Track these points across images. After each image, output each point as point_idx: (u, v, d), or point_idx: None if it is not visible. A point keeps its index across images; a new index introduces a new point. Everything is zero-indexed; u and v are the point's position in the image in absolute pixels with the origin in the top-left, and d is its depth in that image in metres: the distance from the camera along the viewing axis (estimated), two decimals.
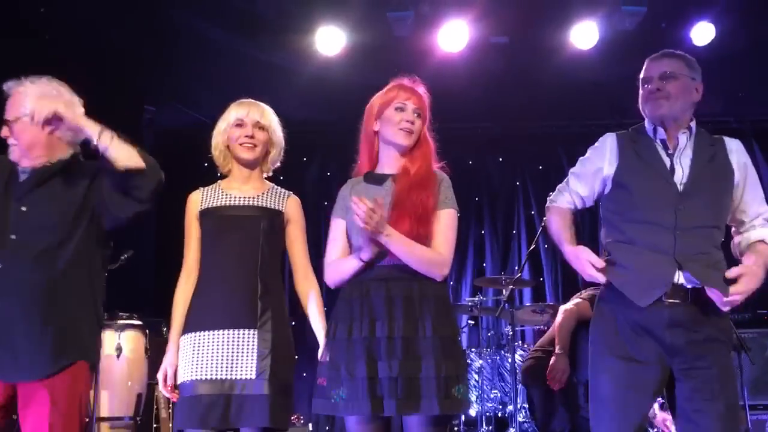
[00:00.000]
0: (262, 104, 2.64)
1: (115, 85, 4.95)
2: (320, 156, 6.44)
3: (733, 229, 2.45)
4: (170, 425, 4.66)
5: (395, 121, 2.37)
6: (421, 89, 2.46)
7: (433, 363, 2.18)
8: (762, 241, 2.35)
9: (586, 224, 6.03)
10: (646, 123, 2.46)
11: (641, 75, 2.47)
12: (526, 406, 4.72)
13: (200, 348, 2.43)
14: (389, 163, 2.41)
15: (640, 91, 2.46)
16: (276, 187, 2.67)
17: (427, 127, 2.44)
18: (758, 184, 2.42)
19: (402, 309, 2.23)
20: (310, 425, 5.19)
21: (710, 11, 5.11)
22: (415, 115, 2.38)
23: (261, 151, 2.60)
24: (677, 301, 2.25)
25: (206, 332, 2.44)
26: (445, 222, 2.31)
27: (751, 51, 5.26)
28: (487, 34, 5.23)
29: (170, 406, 4.87)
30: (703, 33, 5.19)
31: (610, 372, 2.31)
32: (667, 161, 2.38)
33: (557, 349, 3.89)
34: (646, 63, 2.48)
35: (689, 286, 2.26)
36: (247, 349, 2.42)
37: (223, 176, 2.66)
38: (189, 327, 2.49)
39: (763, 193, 2.42)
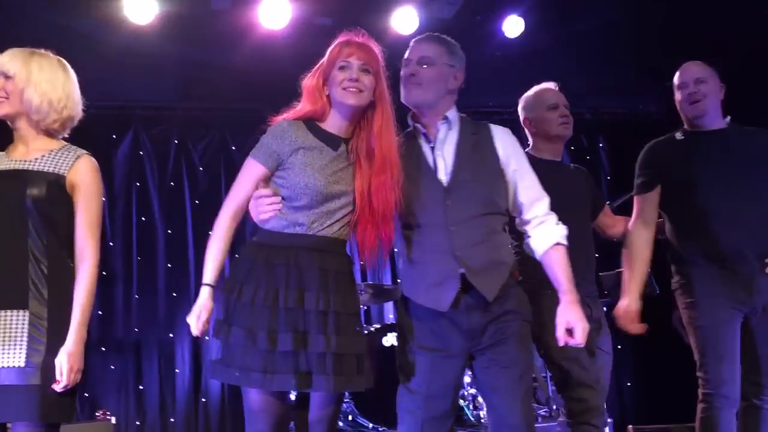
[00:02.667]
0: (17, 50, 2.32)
1: None
2: (132, 132, 6.00)
3: (517, 220, 2.47)
4: None
5: (338, 80, 2.22)
6: (371, 43, 2.30)
7: (357, 340, 2.18)
8: (558, 243, 2.39)
9: None
10: (409, 120, 2.46)
11: (404, 56, 2.45)
12: None
13: None
14: (340, 125, 2.26)
15: (401, 73, 2.43)
16: (66, 146, 2.33)
17: (382, 86, 2.27)
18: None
19: (333, 283, 2.16)
20: (113, 419, 4.86)
21: (521, 6, 5.40)
22: (362, 71, 2.23)
23: (10, 106, 2.25)
24: (466, 289, 2.27)
25: None
26: None
27: (558, 46, 5.63)
28: (311, 14, 5.15)
29: None
30: (514, 26, 5.47)
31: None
32: (430, 157, 2.37)
33: None
34: (411, 43, 2.47)
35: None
36: (15, 332, 2.12)
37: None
38: None
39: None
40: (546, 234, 2.40)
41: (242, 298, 2.15)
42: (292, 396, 3.90)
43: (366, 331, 4.46)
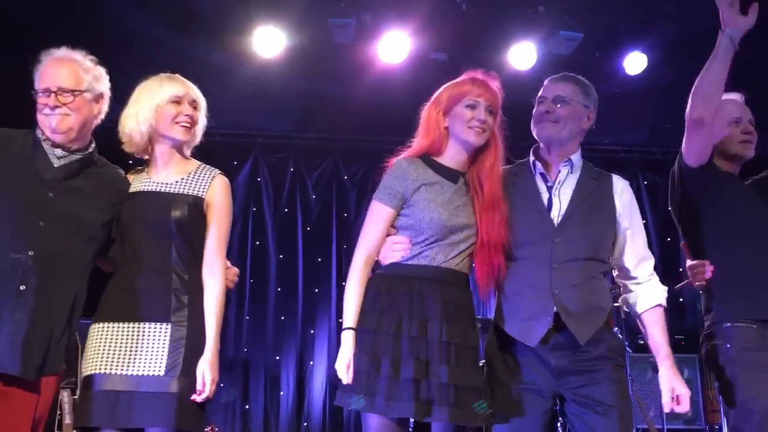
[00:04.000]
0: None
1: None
2: (252, 159, 6.31)
3: (616, 274, 2.43)
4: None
5: (466, 119, 2.28)
6: (495, 84, 2.36)
7: (476, 374, 2.20)
8: (660, 305, 2.37)
9: None
10: (529, 157, 2.46)
11: (538, 95, 2.47)
12: None
13: (108, 340, 2.26)
14: (459, 159, 2.34)
15: (534, 111, 2.45)
16: (201, 166, 2.45)
17: (497, 125, 2.35)
18: (642, 227, 2.44)
19: (454, 314, 2.20)
20: None
21: (643, 42, 5.28)
22: (487, 112, 2.30)
23: (193, 133, 2.40)
24: (558, 328, 2.25)
25: (115, 324, 2.27)
26: None
27: (680, 84, 5.43)
28: (428, 49, 5.25)
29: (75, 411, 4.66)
30: (635, 63, 5.35)
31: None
32: (545, 195, 2.37)
33: None
34: (545, 82, 2.49)
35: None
36: (158, 344, 2.25)
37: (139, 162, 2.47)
38: (101, 317, 2.30)
39: (645, 237, 2.43)
40: (651, 292, 2.39)
41: (366, 325, 2.20)
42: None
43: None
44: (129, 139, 2.38)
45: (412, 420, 2.51)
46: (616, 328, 3.33)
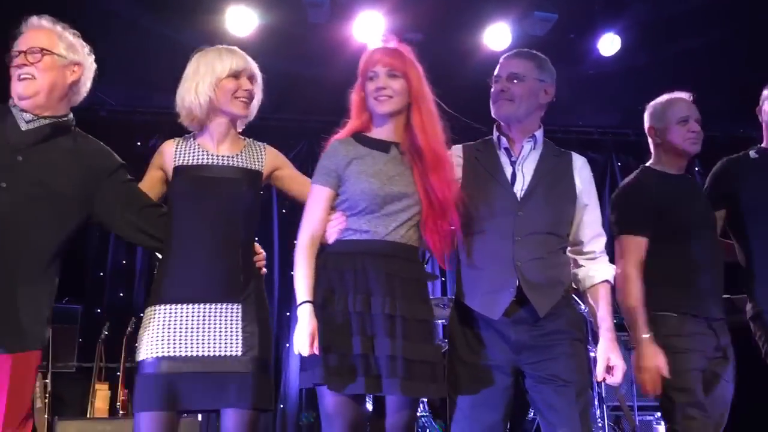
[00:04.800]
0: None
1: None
2: None
3: (571, 249, 2.47)
4: (45, 416, 4.41)
5: (370, 91, 2.30)
6: (397, 46, 2.35)
7: (428, 348, 2.20)
8: (607, 281, 2.42)
9: None
10: (493, 133, 2.49)
11: (494, 73, 2.48)
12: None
13: (177, 322, 2.21)
14: (383, 130, 2.34)
15: (491, 90, 2.47)
16: (249, 140, 2.48)
17: (417, 85, 2.31)
18: (598, 205, 2.48)
19: (399, 287, 2.19)
20: (200, 416, 5.00)
21: (618, 24, 5.28)
22: (389, 77, 2.28)
23: (252, 107, 2.41)
24: (520, 302, 2.28)
25: (182, 306, 2.22)
26: None
27: (654, 66, 5.47)
28: (403, 29, 5.20)
29: (46, 395, 4.61)
30: (609, 44, 5.35)
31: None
32: (508, 170, 2.41)
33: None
34: (500, 60, 2.50)
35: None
36: (231, 324, 2.23)
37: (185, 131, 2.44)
38: (162, 299, 2.24)
39: (600, 216, 2.47)
40: (599, 269, 2.44)
41: (315, 302, 2.20)
42: (369, 406, 3.92)
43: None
44: (188, 112, 2.34)
45: (370, 399, 2.51)
46: (584, 307, 3.35)
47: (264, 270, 2.43)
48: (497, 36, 5.25)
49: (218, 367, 2.19)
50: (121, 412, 4.87)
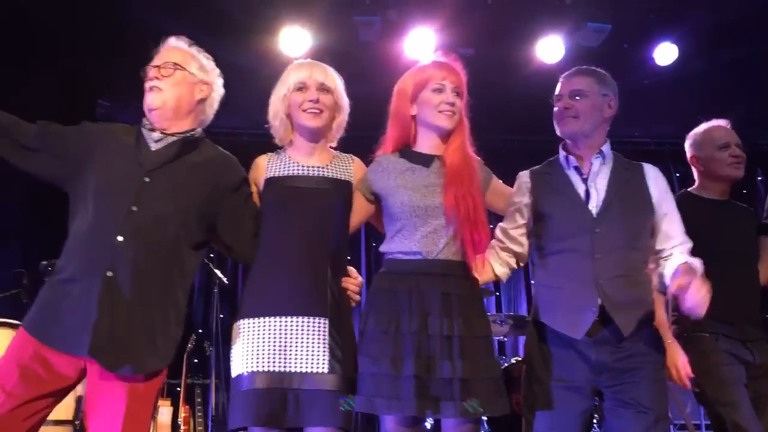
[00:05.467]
0: (323, 64, 2.43)
1: (67, 76, 4.78)
2: None
3: (651, 263, 2.41)
4: None
5: (434, 104, 2.30)
6: (458, 65, 2.38)
7: (487, 364, 2.16)
8: (685, 263, 2.30)
9: None
10: (560, 153, 2.47)
11: (556, 91, 2.48)
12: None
13: (264, 336, 2.18)
14: (431, 144, 2.35)
15: (554, 110, 2.46)
16: (338, 153, 2.45)
17: (464, 107, 2.36)
18: (679, 216, 2.41)
19: (458, 306, 2.17)
20: None
21: (674, 33, 5.19)
22: (455, 94, 2.31)
23: (327, 117, 2.36)
24: (603, 320, 2.23)
25: (270, 318, 2.19)
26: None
27: (711, 74, 5.34)
28: (454, 45, 5.22)
29: None
30: (665, 53, 5.27)
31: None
32: (581, 187, 2.37)
33: None
34: (560, 79, 2.50)
35: None
36: (318, 340, 2.17)
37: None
38: (251, 312, 2.21)
39: (682, 224, 2.40)
40: (676, 258, 2.32)
41: (367, 326, 2.20)
42: (428, 425, 3.89)
43: (506, 364, 4.37)
44: (274, 130, 2.40)
45: (431, 420, 2.48)
46: None
47: (357, 298, 2.34)
48: (550, 48, 5.22)
49: (306, 383, 2.13)
50: (183, 428, 4.95)
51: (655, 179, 2.41)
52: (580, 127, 2.39)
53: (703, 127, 2.93)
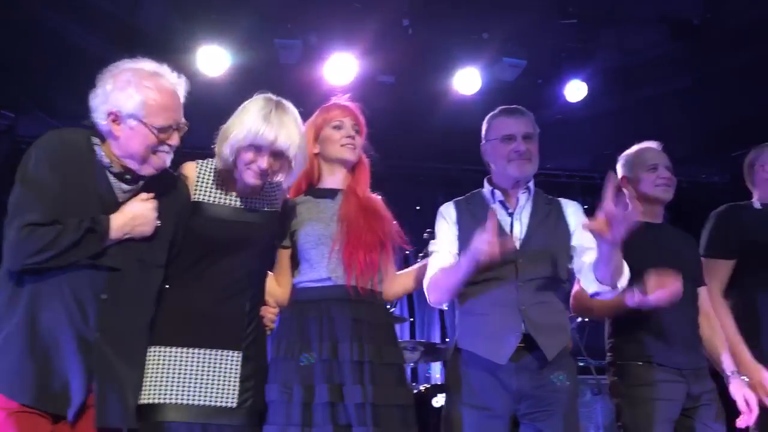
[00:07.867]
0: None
1: None
2: None
3: (574, 289, 2.53)
4: None
5: (336, 139, 2.40)
6: (355, 106, 2.49)
7: (398, 392, 2.19)
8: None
9: None
10: (485, 186, 2.52)
11: (502, 131, 2.49)
12: None
13: (175, 366, 2.10)
14: (335, 180, 2.43)
15: (499, 147, 2.47)
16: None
17: (362, 144, 2.47)
18: (594, 241, 2.44)
19: (367, 332, 2.19)
20: None
21: (583, 71, 5.41)
22: (354, 131, 2.42)
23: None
24: (526, 347, 2.29)
25: (183, 349, 2.12)
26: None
27: (619, 111, 5.60)
28: (375, 71, 5.26)
29: None
30: (575, 91, 5.47)
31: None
32: (506, 221, 2.44)
33: None
34: (502, 118, 2.52)
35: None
36: (229, 372, 2.12)
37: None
38: (164, 340, 2.12)
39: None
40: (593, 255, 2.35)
41: (278, 354, 2.20)
42: None
43: (416, 391, 4.37)
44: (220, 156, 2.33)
45: None
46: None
47: (272, 326, 2.31)
48: (467, 80, 5.33)
49: (214, 418, 2.08)
50: None
51: (573, 214, 2.50)
52: (533, 169, 2.47)
53: (635, 148, 2.92)
